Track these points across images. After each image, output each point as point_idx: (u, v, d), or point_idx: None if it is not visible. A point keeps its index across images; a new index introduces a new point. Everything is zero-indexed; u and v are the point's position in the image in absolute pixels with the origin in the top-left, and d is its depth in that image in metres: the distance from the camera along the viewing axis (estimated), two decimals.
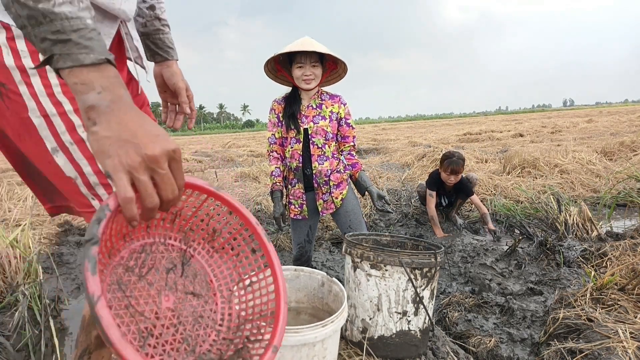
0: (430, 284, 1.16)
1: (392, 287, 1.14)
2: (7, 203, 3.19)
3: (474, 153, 6.14)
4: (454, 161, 2.84)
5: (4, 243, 1.86)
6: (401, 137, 13.50)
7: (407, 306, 1.15)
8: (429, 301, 1.19)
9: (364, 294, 1.17)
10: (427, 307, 1.16)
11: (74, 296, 2.12)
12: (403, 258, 1.11)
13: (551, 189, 3.42)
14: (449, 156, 2.89)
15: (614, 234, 2.47)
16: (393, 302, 1.14)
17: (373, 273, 1.15)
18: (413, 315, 1.16)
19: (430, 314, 1.17)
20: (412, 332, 1.17)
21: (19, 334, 1.54)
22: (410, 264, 1.11)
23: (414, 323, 1.16)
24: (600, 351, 1.17)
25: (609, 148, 5.62)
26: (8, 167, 9.30)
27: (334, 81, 1.86)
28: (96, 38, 0.50)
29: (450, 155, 2.89)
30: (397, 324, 1.15)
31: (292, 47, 1.61)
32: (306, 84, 1.65)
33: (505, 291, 1.85)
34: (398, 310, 1.15)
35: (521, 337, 1.46)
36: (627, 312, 1.36)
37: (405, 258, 1.11)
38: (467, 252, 2.45)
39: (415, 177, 4.87)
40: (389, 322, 1.16)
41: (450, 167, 2.84)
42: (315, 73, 1.64)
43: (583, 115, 23.26)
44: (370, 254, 1.14)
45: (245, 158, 9.25)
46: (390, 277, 1.13)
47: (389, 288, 1.14)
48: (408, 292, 1.14)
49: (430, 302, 1.19)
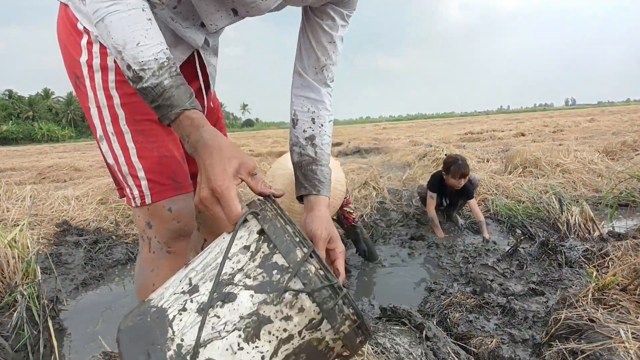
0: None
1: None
2: (5, 203, 3.18)
3: (475, 152, 6.13)
4: (461, 165, 2.81)
5: (2, 243, 1.85)
6: (402, 137, 13.47)
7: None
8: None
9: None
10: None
11: (72, 296, 2.11)
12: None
13: (553, 189, 3.40)
14: (454, 161, 2.86)
15: (616, 234, 2.46)
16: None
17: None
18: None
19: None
20: None
21: (17, 334, 1.53)
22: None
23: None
24: (602, 352, 1.16)
25: (611, 148, 5.60)
26: (6, 166, 9.32)
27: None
28: (174, 94, 0.67)
29: (455, 160, 2.86)
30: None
31: None
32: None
33: (506, 292, 1.84)
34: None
35: (523, 338, 1.45)
36: (629, 312, 1.35)
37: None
38: (468, 253, 2.43)
39: (417, 177, 4.85)
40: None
41: (459, 171, 2.80)
42: None
43: (585, 114, 23.20)
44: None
45: None
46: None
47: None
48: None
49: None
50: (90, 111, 0.84)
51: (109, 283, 2.31)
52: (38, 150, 22.91)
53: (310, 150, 0.92)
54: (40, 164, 8.95)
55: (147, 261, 0.91)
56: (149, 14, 0.69)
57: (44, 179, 6.94)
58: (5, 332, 1.53)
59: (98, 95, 0.82)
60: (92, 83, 0.82)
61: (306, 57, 0.95)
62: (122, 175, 0.87)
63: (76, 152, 16.62)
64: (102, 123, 0.84)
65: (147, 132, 0.85)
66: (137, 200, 0.87)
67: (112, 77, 0.81)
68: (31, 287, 1.72)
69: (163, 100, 0.66)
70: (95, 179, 5.23)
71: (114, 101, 0.82)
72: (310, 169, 0.91)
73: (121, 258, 2.63)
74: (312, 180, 0.90)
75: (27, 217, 2.44)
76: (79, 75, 0.83)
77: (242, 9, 0.83)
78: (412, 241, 2.78)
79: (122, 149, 0.84)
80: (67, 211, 3.27)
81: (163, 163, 0.87)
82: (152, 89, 0.66)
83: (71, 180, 6.67)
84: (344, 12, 0.92)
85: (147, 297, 0.62)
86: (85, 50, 0.81)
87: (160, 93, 0.66)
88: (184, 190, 0.90)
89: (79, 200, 3.54)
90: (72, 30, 0.83)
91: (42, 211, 3.21)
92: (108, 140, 0.85)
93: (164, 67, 0.67)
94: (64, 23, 0.84)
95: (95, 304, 2.03)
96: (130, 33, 0.66)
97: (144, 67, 0.65)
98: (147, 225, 0.88)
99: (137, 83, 0.66)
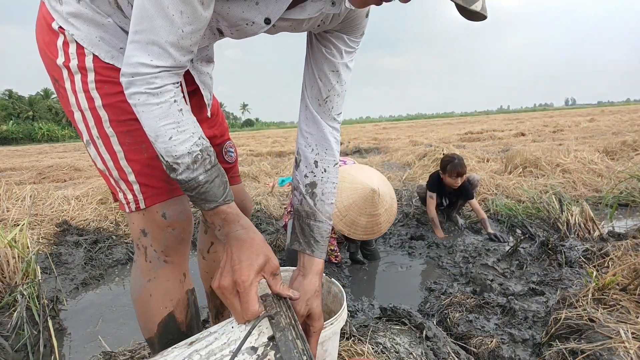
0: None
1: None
2: (5, 203, 3.18)
3: (475, 152, 6.12)
4: (457, 164, 2.82)
5: (2, 243, 1.85)
6: (402, 137, 13.47)
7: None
8: None
9: None
10: None
11: (72, 296, 2.11)
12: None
13: (553, 189, 3.40)
14: (450, 160, 2.87)
15: (616, 233, 2.45)
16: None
17: None
18: None
19: None
20: None
21: (17, 334, 1.53)
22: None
23: None
24: (602, 352, 1.16)
25: (611, 147, 5.60)
26: (6, 166, 9.32)
27: None
28: (207, 190, 0.68)
29: (452, 159, 2.87)
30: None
31: None
32: None
33: (506, 292, 1.84)
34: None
35: (523, 338, 1.45)
36: (628, 312, 1.35)
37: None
38: (468, 253, 2.43)
39: (416, 177, 4.85)
40: None
41: (455, 170, 2.81)
42: None
43: (585, 114, 23.20)
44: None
45: (245, 157, 9.24)
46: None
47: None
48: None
49: None
50: (74, 115, 0.79)
51: (109, 283, 2.31)
52: (38, 150, 22.91)
53: (310, 200, 0.88)
54: (40, 164, 8.95)
55: (143, 271, 0.87)
56: (180, 103, 0.68)
57: (44, 179, 6.94)
58: (5, 332, 1.53)
59: (79, 97, 0.77)
60: (72, 86, 0.77)
61: (309, 87, 0.89)
62: (114, 180, 0.83)
63: (76, 152, 16.61)
64: (86, 127, 0.79)
65: (133, 132, 0.79)
66: (132, 205, 0.83)
67: (92, 77, 0.77)
68: (31, 287, 1.72)
69: (197, 194, 0.68)
70: (95, 179, 5.23)
71: (96, 103, 0.77)
72: (307, 223, 0.87)
73: (121, 258, 2.62)
74: (308, 238, 0.87)
75: (27, 217, 2.44)
76: (57, 78, 0.79)
77: (227, 30, 0.79)
78: (412, 241, 2.78)
79: (109, 153, 0.80)
80: (67, 211, 3.27)
81: (153, 165, 0.81)
82: (186, 182, 0.67)
83: (71, 180, 6.67)
84: (345, 37, 0.85)
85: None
86: (61, 51, 0.76)
87: (195, 187, 0.67)
88: (178, 193, 0.85)
89: (79, 200, 3.54)
90: (48, 30, 0.77)
91: (42, 211, 3.21)
92: (95, 144, 0.80)
93: (198, 161, 0.67)
94: (41, 22, 0.80)
95: (95, 304, 2.02)
96: (161, 127, 0.65)
97: (177, 160, 0.66)
98: (142, 233, 0.84)
99: (170, 172, 0.68)
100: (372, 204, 1.90)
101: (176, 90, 0.67)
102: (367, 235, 1.90)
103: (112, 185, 0.85)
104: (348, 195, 1.94)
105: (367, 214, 1.87)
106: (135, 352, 1.44)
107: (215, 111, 1.04)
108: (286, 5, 0.72)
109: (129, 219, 0.87)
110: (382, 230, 1.93)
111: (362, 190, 1.95)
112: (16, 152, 21.09)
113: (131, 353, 1.44)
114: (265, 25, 0.75)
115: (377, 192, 1.95)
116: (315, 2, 0.74)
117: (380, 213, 1.91)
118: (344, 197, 1.94)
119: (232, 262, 0.65)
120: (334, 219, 1.89)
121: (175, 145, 0.65)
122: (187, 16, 0.62)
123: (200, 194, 0.68)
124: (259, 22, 0.74)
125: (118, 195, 0.84)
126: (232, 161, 1.11)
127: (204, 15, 0.65)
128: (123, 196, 0.83)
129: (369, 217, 1.87)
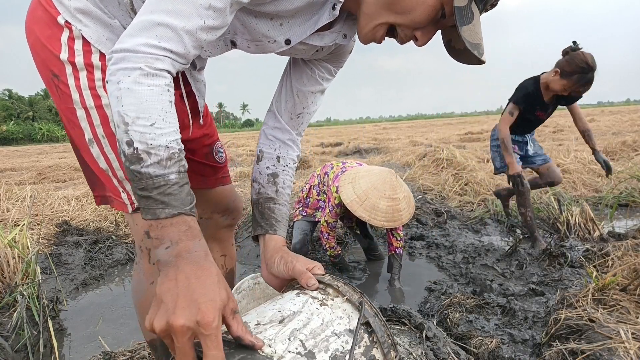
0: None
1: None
2: (5, 203, 3.18)
3: (475, 152, 6.12)
4: (592, 77, 2.17)
5: (2, 243, 1.85)
6: (402, 137, 13.48)
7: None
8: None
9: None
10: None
11: (72, 297, 2.11)
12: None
13: (553, 189, 3.40)
14: (587, 69, 2.16)
15: (616, 234, 2.46)
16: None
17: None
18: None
19: None
20: None
21: (17, 334, 1.53)
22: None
23: None
24: (602, 352, 1.16)
25: (611, 148, 5.61)
26: (6, 167, 9.32)
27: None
28: (175, 193, 0.57)
29: (590, 67, 2.15)
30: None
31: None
32: None
33: (506, 292, 1.84)
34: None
35: (523, 338, 1.45)
36: (629, 312, 1.35)
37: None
38: (468, 253, 2.43)
39: (417, 177, 4.85)
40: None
41: (590, 84, 2.18)
42: None
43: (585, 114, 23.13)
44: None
45: (245, 157, 9.23)
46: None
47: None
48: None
49: None
50: (77, 113, 0.76)
51: (109, 283, 2.31)
52: (38, 150, 22.89)
53: (271, 188, 0.90)
54: (40, 164, 8.95)
55: (147, 273, 0.85)
56: (172, 96, 0.61)
57: (44, 179, 6.94)
58: (5, 332, 1.53)
59: (84, 95, 0.75)
60: (76, 82, 0.74)
61: (284, 101, 0.94)
62: (118, 180, 0.80)
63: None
64: (91, 125, 0.77)
65: None
66: (136, 206, 0.80)
67: (99, 75, 0.75)
68: (31, 287, 1.72)
69: (159, 195, 0.56)
70: None
71: (103, 101, 0.75)
72: (268, 206, 0.89)
73: (121, 258, 2.63)
74: (269, 219, 0.87)
75: (27, 217, 2.44)
76: (57, 73, 0.75)
77: (245, 43, 0.80)
78: (412, 241, 2.78)
79: (115, 152, 0.78)
80: (67, 211, 3.27)
81: None
82: (149, 177, 0.56)
83: (71, 180, 6.68)
84: (332, 68, 0.93)
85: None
86: (65, 46, 0.73)
87: (159, 185, 0.56)
88: None
89: (79, 200, 3.54)
90: (51, 24, 0.75)
91: (42, 211, 3.21)
92: (99, 143, 0.78)
93: (173, 159, 0.58)
94: (39, 15, 0.76)
95: (95, 304, 2.03)
96: (146, 109, 0.57)
97: (150, 150, 0.56)
98: (145, 234, 0.80)
99: (132, 163, 0.56)
100: (391, 186, 1.88)
101: (171, 83, 0.62)
102: (388, 222, 1.86)
103: (115, 186, 0.82)
104: (366, 180, 1.94)
105: (387, 197, 1.85)
106: (135, 352, 1.44)
107: (204, 112, 1.05)
108: (310, 32, 0.77)
109: (131, 221, 0.84)
110: (403, 219, 1.89)
111: (380, 173, 1.96)
112: (16, 152, 21.08)
113: (131, 353, 1.44)
114: (285, 45, 0.79)
115: (395, 174, 1.96)
116: (332, 33, 0.81)
117: (399, 198, 1.89)
118: (362, 183, 1.94)
119: (193, 294, 0.51)
120: (354, 206, 1.90)
121: (156, 133, 0.57)
122: (214, 11, 0.62)
123: (164, 195, 0.56)
124: (280, 41, 0.78)
125: (121, 196, 0.82)
126: (223, 162, 1.11)
127: (227, 19, 0.65)
128: (127, 196, 0.81)
129: (389, 200, 1.85)
